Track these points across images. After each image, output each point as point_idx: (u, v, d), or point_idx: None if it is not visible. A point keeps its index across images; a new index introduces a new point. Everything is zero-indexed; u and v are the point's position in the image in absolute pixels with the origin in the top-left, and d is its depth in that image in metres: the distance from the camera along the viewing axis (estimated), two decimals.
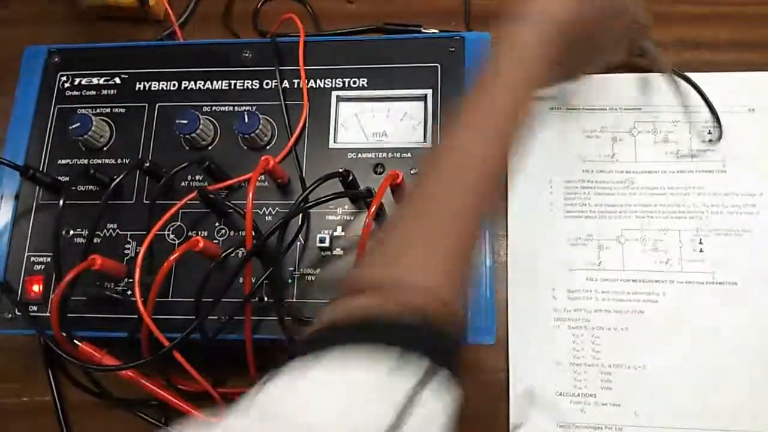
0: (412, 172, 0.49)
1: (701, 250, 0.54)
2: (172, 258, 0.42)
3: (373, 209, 0.42)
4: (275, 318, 0.46)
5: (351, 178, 0.45)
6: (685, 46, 0.61)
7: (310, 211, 0.49)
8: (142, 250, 0.45)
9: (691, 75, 0.58)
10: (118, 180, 0.46)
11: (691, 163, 0.57)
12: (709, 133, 0.57)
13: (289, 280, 0.48)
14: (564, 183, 0.57)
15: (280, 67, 0.53)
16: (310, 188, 0.43)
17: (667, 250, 0.55)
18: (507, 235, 0.56)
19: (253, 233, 0.44)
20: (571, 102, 0.59)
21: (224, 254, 0.44)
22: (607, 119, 0.59)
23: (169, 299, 0.48)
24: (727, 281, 0.53)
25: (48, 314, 0.49)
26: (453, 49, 0.52)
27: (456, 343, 0.35)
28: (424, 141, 0.50)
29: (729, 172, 0.56)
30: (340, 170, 0.45)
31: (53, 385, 0.55)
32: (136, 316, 0.45)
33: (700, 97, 0.58)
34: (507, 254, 0.56)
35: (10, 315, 0.49)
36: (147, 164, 0.48)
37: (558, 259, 0.55)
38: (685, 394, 0.51)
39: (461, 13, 0.64)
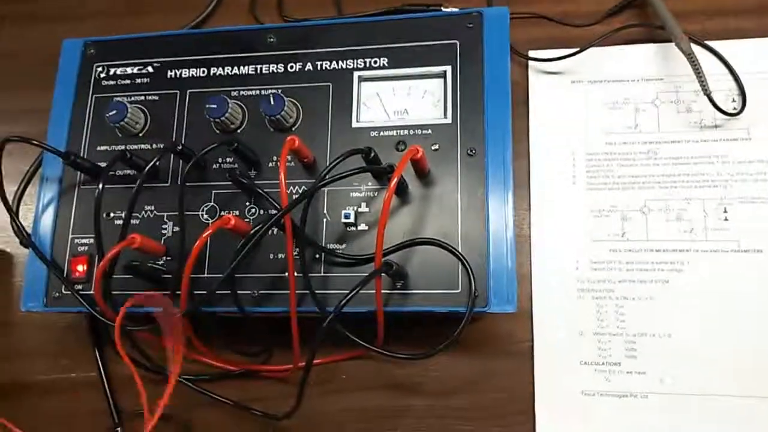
0: (433, 147, 0.51)
1: (726, 219, 0.54)
2: (205, 234, 0.44)
3: (393, 183, 0.44)
4: (306, 291, 0.48)
5: (373, 154, 0.47)
6: (709, 14, 0.60)
7: (336, 188, 0.51)
8: None
9: (713, 43, 0.58)
10: (152, 163, 0.48)
11: (715, 132, 0.56)
12: (733, 101, 0.57)
13: (317, 255, 0.50)
14: (586, 155, 0.58)
15: (304, 50, 0.55)
16: (333, 163, 0.45)
17: (691, 219, 0.55)
18: (530, 208, 0.57)
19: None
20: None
21: (254, 230, 0.46)
22: (630, 90, 0.59)
23: (205, 275, 0.51)
24: (753, 249, 0.53)
25: (92, 292, 0.52)
26: (471, 26, 0.53)
27: None
28: (445, 117, 0.51)
29: (754, 140, 0.56)
30: (363, 147, 0.47)
31: (100, 361, 0.59)
32: (171, 292, 0.48)
33: (724, 66, 0.57)
34: (530, 227, 0.57)
35: (57, 294, 0.53)
36: (180, 147, 0.50)
37: (581, 230, 0.56)
38: (711, 360, 0.52)
39: None
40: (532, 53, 0.60)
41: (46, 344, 0.61)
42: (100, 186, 0.48)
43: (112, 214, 0.54)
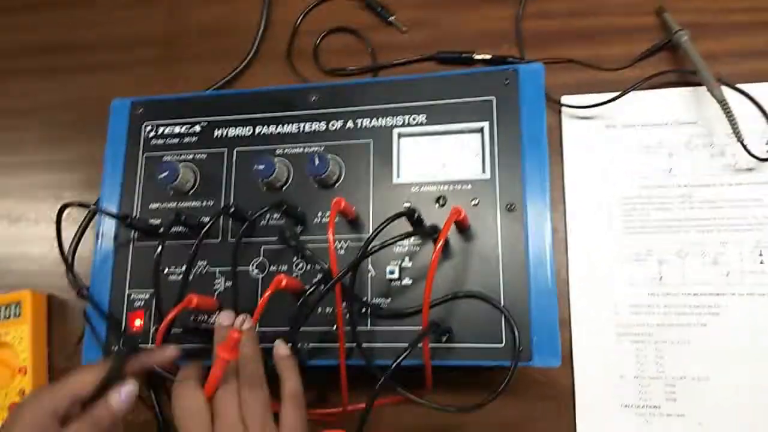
0: (473, 203, 0.52)
1: (761, 262, 0.55)
2: (263, 299, 0.47)
3: (438, 246, 0.46)
4: (353, 344, 0.50)
5: (416, 215, 0.49)
6: (740, 56, 0.61)
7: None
8: None
9: (745, 86, 0.59)
10: (207, 226, 0.51)
11: (750, 175, 0.57)
12: (767, 144, 0.58)
13: (363, 310, 0.52)
14: (622, 199, 0.59)
15: (345, 108, 0.57)
16: (378, 229, 0.46)
17: (727, 263, 0.56)
18: (567, 253, 0.59)
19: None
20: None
21: (307, 292, 0.48)
22: (663, 134, 0.60)
23: (257, 329, 0.53)
24: None
25: (150, 345, 0.55)
26: (507, 82, 0.54)
27: None
28: (483, 172, 0.53)
29: None
30: (405, 208, 0.49)
31: (157, 405, 0.61)
32: None
33: (757, 108, 0.58)
34: (568, 272, 0.58)
35: (117, 347, 0.55)
36: (232, 209, 0.53)
37: (619, 275, 0.57)
38: (749, 404, 0.53)
39: (513, 35, 0.66)
40: (564, 99, 0.62)
41: None
42: (159, 249, 0.51)
43: (166, 270, 0.56)
